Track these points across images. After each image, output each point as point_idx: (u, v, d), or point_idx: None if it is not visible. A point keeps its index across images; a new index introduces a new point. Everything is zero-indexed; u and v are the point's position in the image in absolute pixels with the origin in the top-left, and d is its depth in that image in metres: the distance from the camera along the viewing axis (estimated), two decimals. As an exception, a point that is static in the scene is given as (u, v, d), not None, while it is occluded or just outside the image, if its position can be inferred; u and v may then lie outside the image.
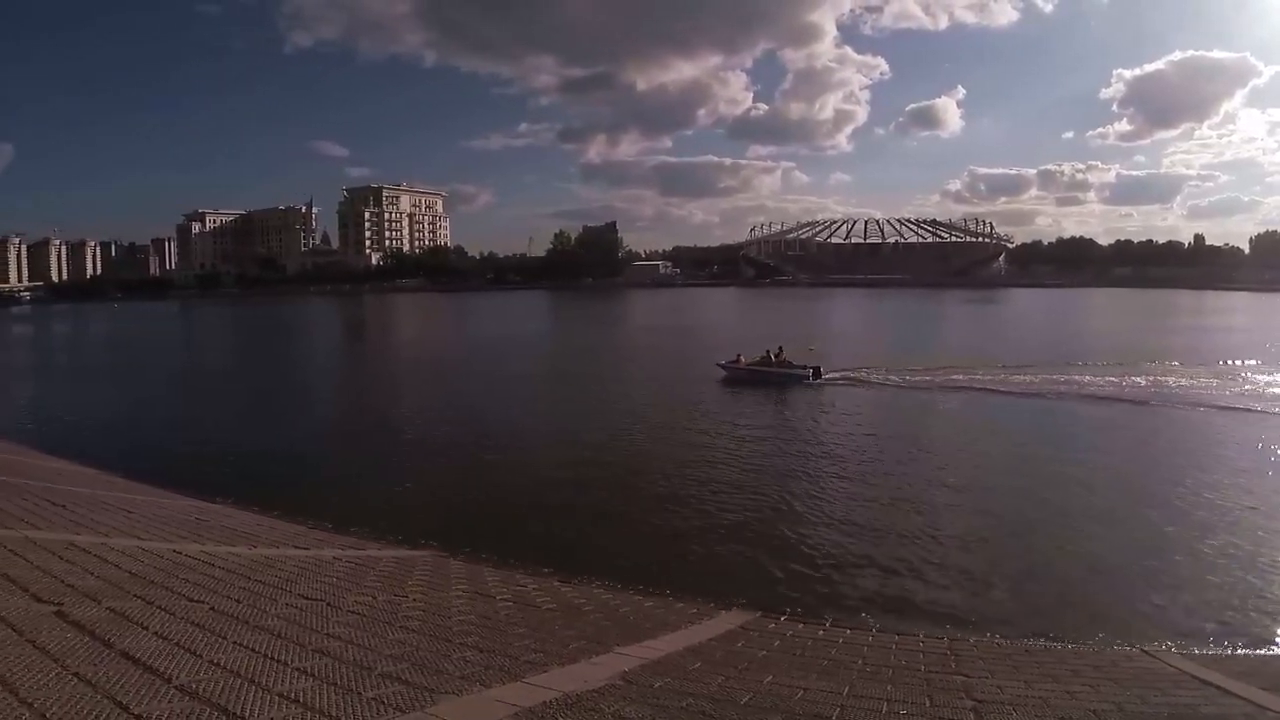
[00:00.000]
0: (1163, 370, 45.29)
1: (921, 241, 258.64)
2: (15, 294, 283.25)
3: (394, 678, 5.47)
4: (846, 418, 34.98)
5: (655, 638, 8.69)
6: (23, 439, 29.46)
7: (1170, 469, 25.38)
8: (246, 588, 8.08)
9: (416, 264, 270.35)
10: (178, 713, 4.05)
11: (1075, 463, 26.19)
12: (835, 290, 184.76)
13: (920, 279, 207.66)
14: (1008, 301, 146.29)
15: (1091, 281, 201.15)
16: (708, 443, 30.71)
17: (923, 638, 10.00)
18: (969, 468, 25.99)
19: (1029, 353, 55.62)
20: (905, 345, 65.10)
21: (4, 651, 4.50)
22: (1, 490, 12.62)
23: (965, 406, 37.61)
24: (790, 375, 44.76)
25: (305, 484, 25.26)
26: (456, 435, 33.08)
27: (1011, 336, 76.18)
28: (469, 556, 15.26)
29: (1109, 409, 35.41)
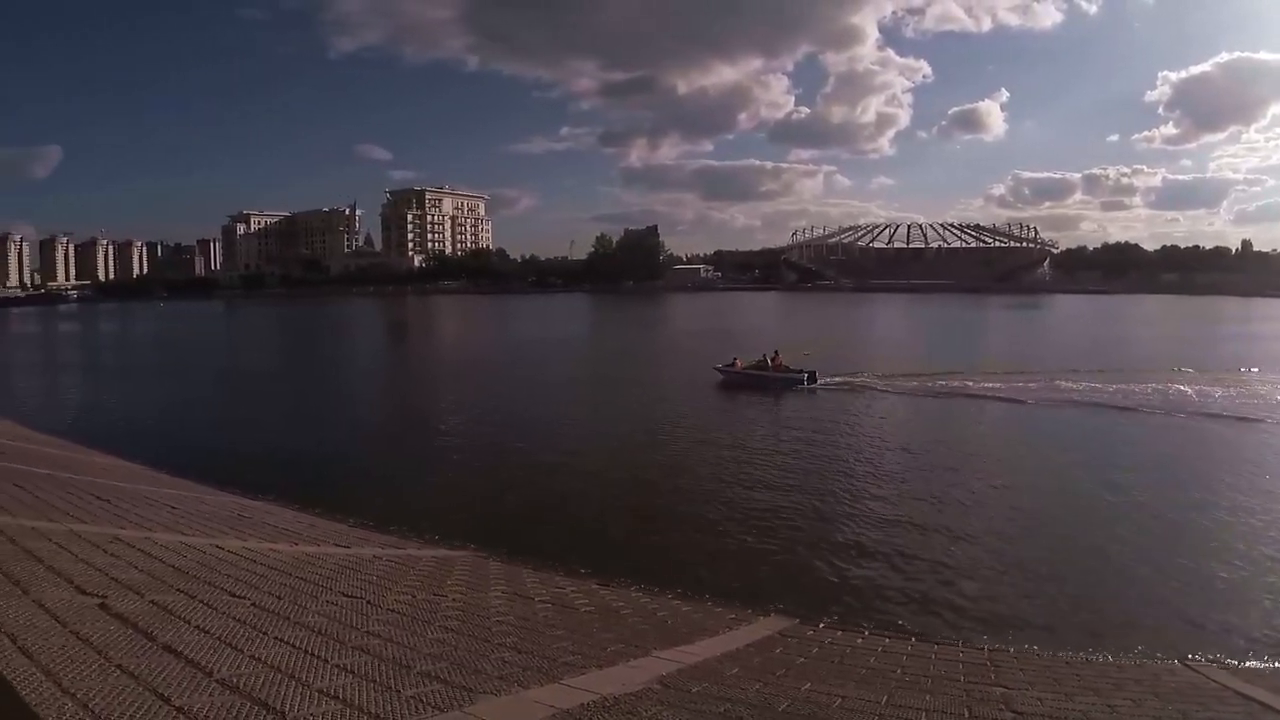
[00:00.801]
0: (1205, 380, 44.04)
1: (965, 246, 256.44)
2: (63, 293, 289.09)
3: (433, 676, 5.47)
4: (872, 424, 34.80)
5: (692, 643, 8.64)
6: (69, 435, 29.92)
7: (1211, 480, 24.81)
8: (287, 584, 8.14)
9: (458, 266, 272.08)
10: (219, 706, 4.06)
11: (1108, 471, 25.77)
12: (877, 295, 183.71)
13: (963, 284, 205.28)
14: (1051, 308, 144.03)
15: (1137, 288, 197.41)
16: (746, 446, 30.63)
17: (961, 647, 9.84)
18: (999, 476, 25.70)
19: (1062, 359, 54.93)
20: (938, 351, 64.27)
21: (48, 642, 4.54)
22: (48, 484, 12.81)
23: (988, 415, 37.18)
24: (786, 380, 44.98)
25: (345, 482, 25.52)
26: (495, 436, 33.21)
27: (1053, 343, 75.22)
28: (507, 557, 15.26)
29: (1147, 419, 34.70)
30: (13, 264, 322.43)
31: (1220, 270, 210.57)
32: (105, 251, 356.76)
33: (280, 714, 4.13)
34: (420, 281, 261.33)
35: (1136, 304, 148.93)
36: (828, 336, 70.81)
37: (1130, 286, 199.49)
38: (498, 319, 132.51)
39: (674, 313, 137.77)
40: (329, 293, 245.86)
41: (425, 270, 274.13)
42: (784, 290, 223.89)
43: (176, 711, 3.88)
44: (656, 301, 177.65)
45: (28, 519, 8.71)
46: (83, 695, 3.81)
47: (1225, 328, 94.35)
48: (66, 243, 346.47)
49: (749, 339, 72.99)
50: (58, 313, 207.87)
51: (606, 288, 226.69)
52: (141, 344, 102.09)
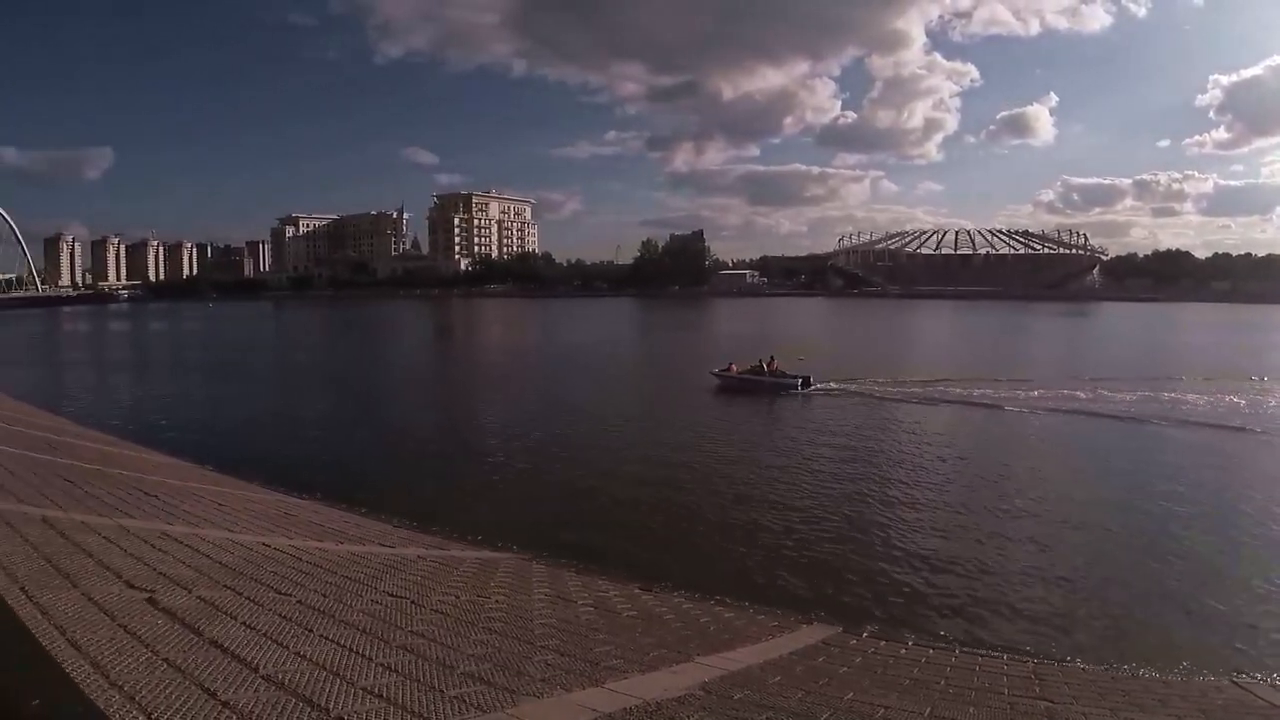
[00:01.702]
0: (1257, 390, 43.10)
1: (1013, 253, 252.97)
2: (114, 292, 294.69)
3: (476, 677, 5.48)
4: (897, 432, 34.12)
5: (735, 649, 8.60)
6: (118, 431, 30.42)
7: (1260, 495, 24.12)
8: (333, 582, 8.20)
9: (505, 270, 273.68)
10: (264, 702, 4.08)
11: (1151, 482, 25.21)
12: (923, 302, 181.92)
13: (1011, 292, 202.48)
14: (1099, 315, 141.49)
15: (1188, 296, 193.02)
16: (788, 450, 30.55)
17: (1006, 660, 9.72)
18: (1033, 486, 25.10)
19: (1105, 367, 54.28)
20: (974, 359, 63.89)
21: (96, 635, 4.60)
22: (97, 479, 13.02)
23: (1009, 423, 36.37)
24: (781, 384, 45.14)
25: (390, 482, 25.74)
26: (538, 439, 33.29)
27: (1099, 351, 73.75)
28: (550, 560, 15.31)
29: (1194, 432, 33.58)
30: (65, 263, 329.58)
31: (1273, 278, 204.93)
32: (156, 252, 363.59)
33: (325, 710, 4.15)
34: (466, 285, 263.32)
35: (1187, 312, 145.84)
36: (830, 342, 70.80)
37: (1181, 294, 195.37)
38: (542, 323, 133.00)
39: (718, 318, 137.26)
40: (375, 295, 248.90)
41: (471, 273, 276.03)
42: (830, 297, 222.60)
43: (222, 706, 3.91)
44: (701, 307, 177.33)
45: (78, 513, 8.86)
46: (130, 688, 3.85)
47: (1275, 336, 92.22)
48: (118, 243, 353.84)
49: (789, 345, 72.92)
50: (108, 311, 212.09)
51: (652, 292, 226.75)
52: (191, 343, 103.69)
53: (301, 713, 4.06)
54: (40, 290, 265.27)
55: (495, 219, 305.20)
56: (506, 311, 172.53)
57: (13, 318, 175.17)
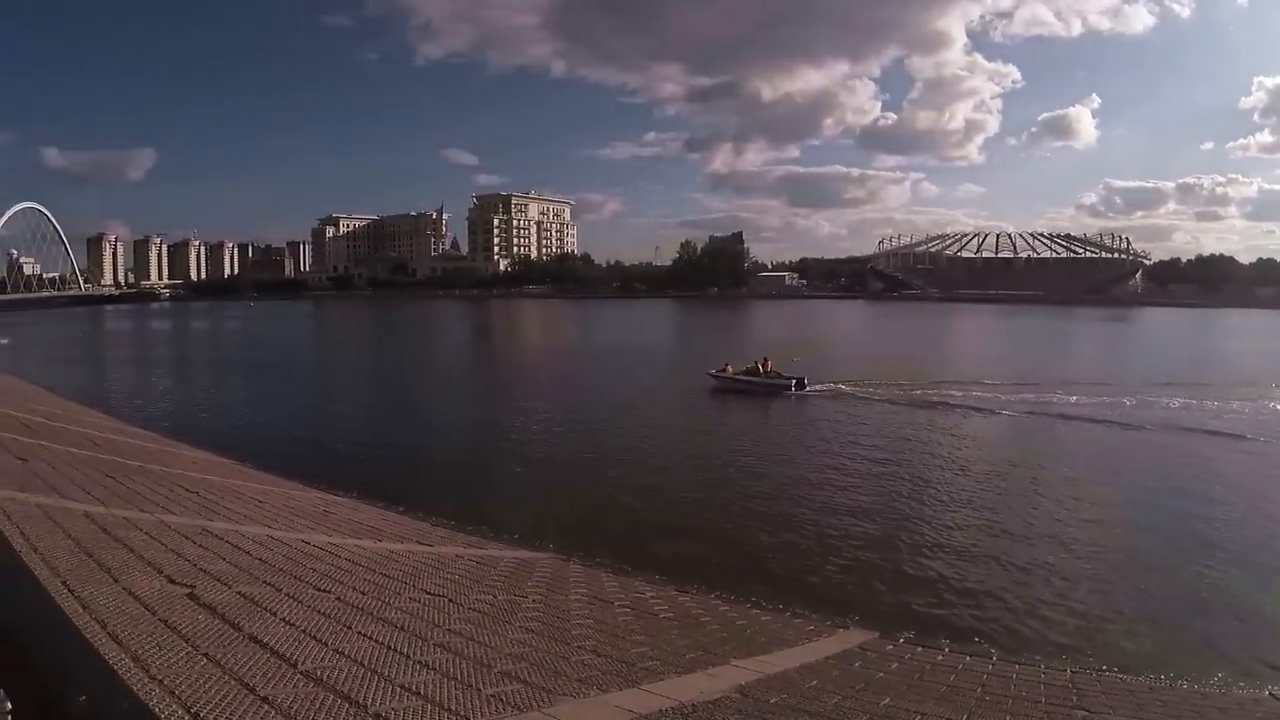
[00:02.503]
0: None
1: (1055, 257, 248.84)
2: (156, 291, 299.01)
3: (513, 676, 5.49)
4: (923, 437, 33.86)
5: (771, 653, 8.59)
6: (161, 429, 30.87)
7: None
8: (371, 580, 8.25)
9: (544, 271, 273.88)
10: (302, 698, 4.10)
11: (1186, 491, 24.80)
12: (964, 306, 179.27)
13: (1053, 296, 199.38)
14: (1141, 321, 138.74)
15: (1232, 302, 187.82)
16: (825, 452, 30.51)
17: (1043, 668, 9.60)
18: (1071, 493, 24.73)
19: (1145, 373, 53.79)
20: (1011, 362, 63.44)
21: (137, 629, 4.64)
22: (139, 476, 13.20)
23: (1032, 429, 36.12)
24: (775, 386, 45.53)
25: (428, 481, 25.98)
26: (575, 440, 33.42)
27: (1140, 357, 72.53)
28: (587, 560, 15.31)
29: (1233, 442, 32.67)
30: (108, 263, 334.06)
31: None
32: (197, 252, 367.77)
33: (363, 708, 4.17)
34: (505, 285, 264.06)
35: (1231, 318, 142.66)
36: (860, 346, 70.29)
37: (1225, 300, 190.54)
38: (580, 324, 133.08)
39: (756, 321, 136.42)
40: (415, 295, 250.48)
41: (510, 274, 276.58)
42: (870, 299, 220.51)
43: (261, 701, 3.93)
44: (740, 309, 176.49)
45: (119, 509, 8.98)
46: (170, 682, 3.88)
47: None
48: (160, 243, 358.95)
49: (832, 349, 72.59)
50: (151, 310, 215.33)
51: (691, 294, 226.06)
52: (232, 341, 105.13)
53: (340, 709, 4.08)
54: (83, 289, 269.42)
55: (534, 220, 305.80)
56: (545, 312, 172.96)
57: (57, 316, 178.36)
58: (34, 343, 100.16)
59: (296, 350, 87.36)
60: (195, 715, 3.60)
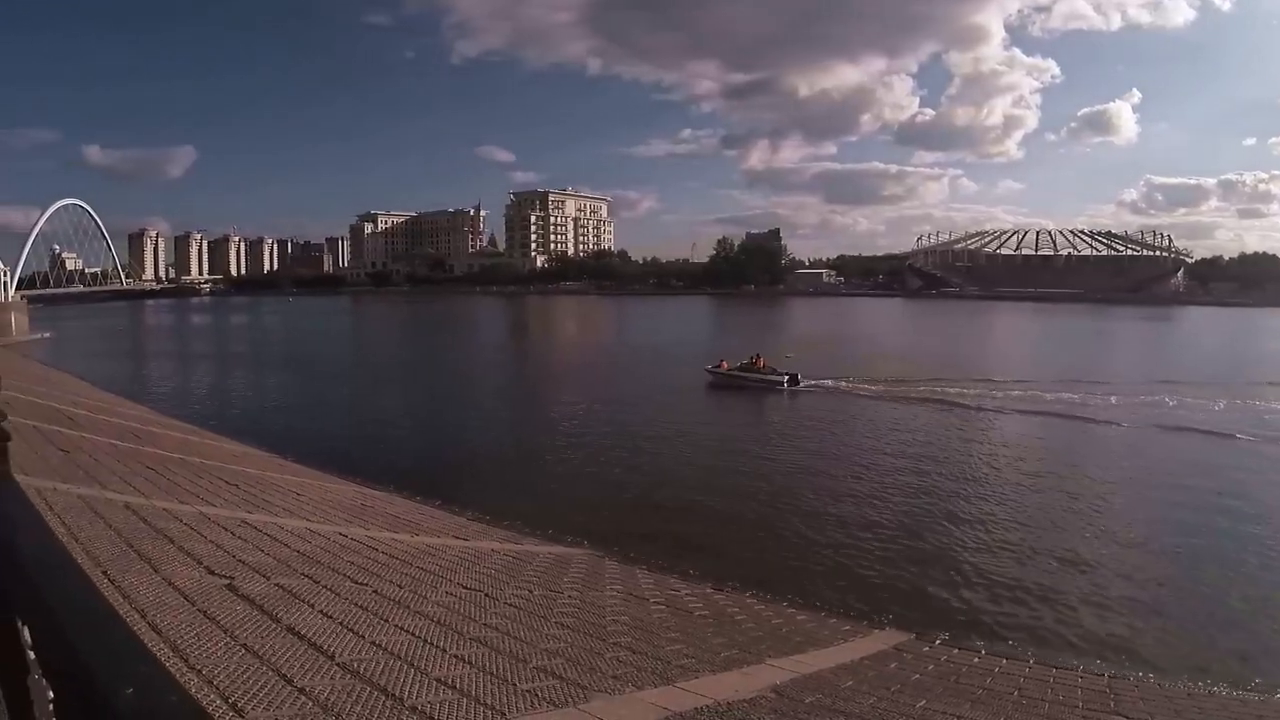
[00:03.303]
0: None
1: (1095, 254, 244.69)
2: (196, 286, 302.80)
3: (548, 672, 5.49)
4: (948, 438, 33.68)
5: (807, 652, 8.56)
6: (201, 421, 31.22)
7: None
8: (408, 574, 8.29)
9: (580, 268, 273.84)
10: (339, 689, 4.12)
11: (1220, 496, 24.43)
12: (1003, 304, 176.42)
13: (1093, 294, 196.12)
14: (1183, 320, 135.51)
15: (1275, 300, 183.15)
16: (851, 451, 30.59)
17: (1080, 672, 9.54)
18: (1107, 496, 24.66)
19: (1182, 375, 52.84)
20: (1055, 362, 63.10)
21: (176, 619, 4.69)
22: (179, 468, 13.35)
23: (1058, 432, 35.88)
24: (768, 381, 47.16)
25: (464, 476, 26.18)
26: (610, 437, 33.47)
27: (1180, 358, 70.70)
28: (622, 557, 15.32)
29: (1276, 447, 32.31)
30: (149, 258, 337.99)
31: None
32: (237, 247, 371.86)
33: (399, 700, 4.18)
34: (542, 282, 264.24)
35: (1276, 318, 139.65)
36: (895, 344, 69.27)
37: (1268, 299, 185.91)
38: (617, 321, 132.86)
39: (792, 318, 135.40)
40: (452, 291, 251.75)
41: (547, 271, 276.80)
42: (907, 297, 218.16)
43: (298, 692, 3.95)
44: (776, 306, 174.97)
45: (160, 500, 9.08)
46: (208, 672, 3.92)
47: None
48: (200, 238, 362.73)
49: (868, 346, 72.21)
50: (191, 305, 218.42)
51: (727, 291, 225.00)
52: (270, 336, 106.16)
53: (376, 701, 4.09)
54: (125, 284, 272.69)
55: (571, 217, 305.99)
56: (582, 309, 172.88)
57: (99, 310, 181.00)
58: (76, 336, 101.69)
59: (334, 345, 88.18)
60: (233, 705, 3.62)
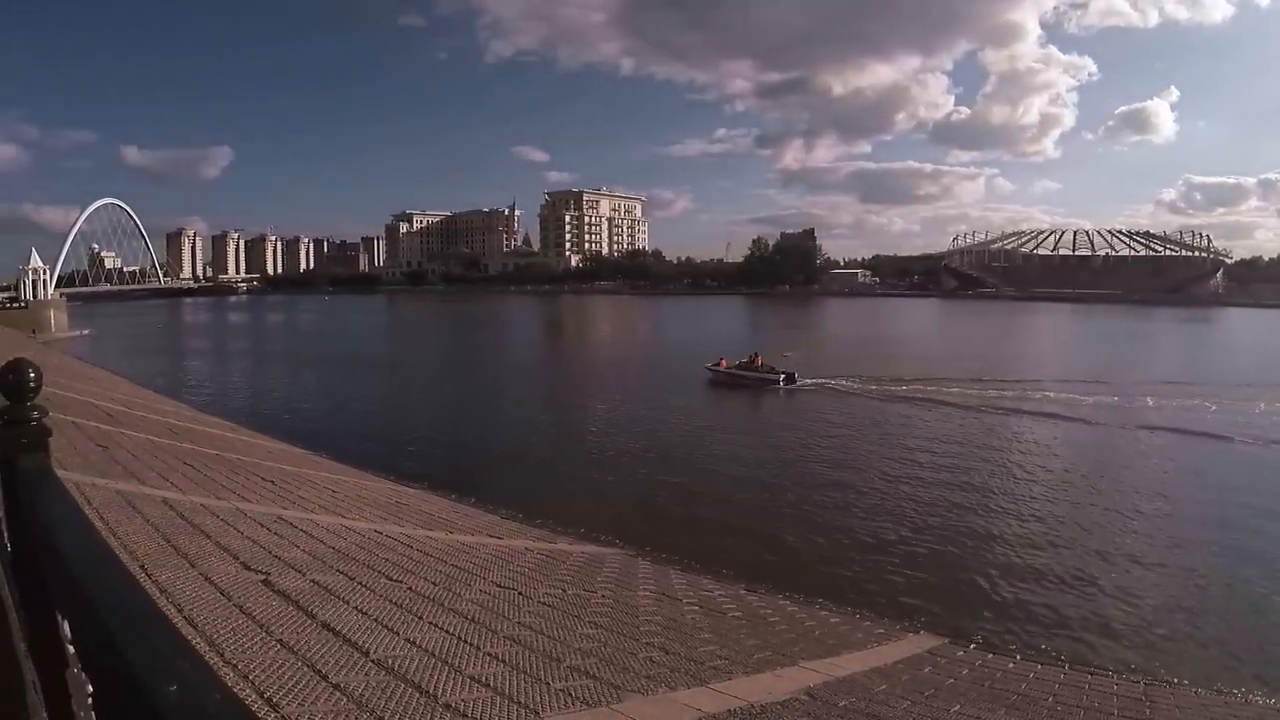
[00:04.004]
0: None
1: (1133, 255, 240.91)
2: (233, 285, 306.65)
3: (582, 671, 5.49)
4: (979, 440, 33.47)
5: (840, 655, 8.54)
6: (237, 418, 31.51)
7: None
8: (443, 571, 8.32)
9: (615, 267, 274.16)
10: (373, 686, 4.14)
11: (1252, 500, 24.16)
12: (1039, 305, 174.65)
13: (1130, 295, 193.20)
14: (1222, 321, 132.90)
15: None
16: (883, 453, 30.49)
17: (1116, 679, 9.45)
18: (1143, 502, 24.34)
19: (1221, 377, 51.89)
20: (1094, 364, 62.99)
21: (213, 614, 4.72)
22: (216, 464, 13.48)
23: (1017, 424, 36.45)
24: (765, 380, 48.42)
25: (498, 474, 26.40)
26: (643, 436, 33.56)
27: (1220, 360, 69.78)
28: (655, 557, 15.33)
29: None
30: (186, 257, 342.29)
31: None
32: (274, 246, 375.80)
33: (433, 697, 4.19)
34: (576, 281, 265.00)
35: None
36: (931, 344, 68.37)
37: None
38: (652, 320, 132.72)
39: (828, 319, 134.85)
40: (487, 290, 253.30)
41: (582, 270, 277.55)
42: (943, 297, 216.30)
43: (333, 688, 3.97)
44: (812, 306, 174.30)
45: (196, 496, 9.17)
46: (244, 667, 3.94)
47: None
48: (237, 238, 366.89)
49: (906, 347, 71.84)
50: (228, 303, 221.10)
51: (762, 291, 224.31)
52: (306, 334, 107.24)
53: (410, 698, 4.11)
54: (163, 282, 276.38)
55: (606, 216, 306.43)
56: (616, 308, 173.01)
57: (137, 308, 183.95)
58: (115, 333, 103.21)
59: (369, 343, 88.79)
60: (268, 700, 3.64)
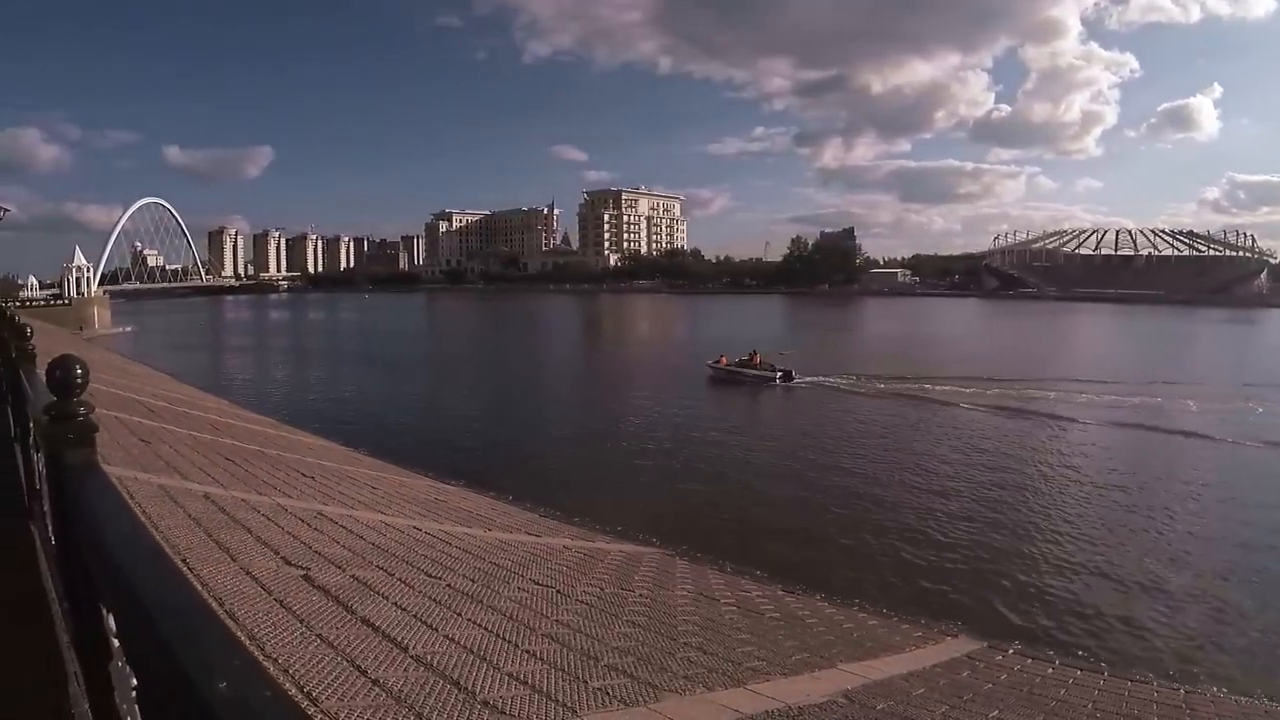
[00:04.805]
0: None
1: (1177, 255, 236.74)
2: (274, 283, 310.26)
3: (619, 670, 5.49)
4: (1012, 441, 33.27)
5: (878, 658, 8.51)
6: (278, 414, 31.79)
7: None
8: (481, 568, 8.34)
9: (653, 266, 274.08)
10: (412, 682, 4.15)
11: None
12: (1081, 305, 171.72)
13: (1173, 296, 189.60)
14: (1266, 323, 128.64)
15: None
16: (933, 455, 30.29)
17: (1156, 686, 9.38)
18: (1180, 505, 24.17)
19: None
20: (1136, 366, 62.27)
21: (254, 609, 4.75)
22: (257, 460, 13.60)
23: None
24: (760, 377, 49.85)
25: (536, 471, 26.50)
26: (680, 435, 33.51)
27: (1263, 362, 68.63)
28: (692, 557, 15.29)
29: None
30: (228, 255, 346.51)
31: None
32: (315, 245, 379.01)
33: (471, 694, 4.20)
34: (615, 280, 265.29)
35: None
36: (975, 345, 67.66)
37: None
38: (690, 319, 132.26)
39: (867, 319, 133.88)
40: (525, 289, 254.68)
41: (620, 269, 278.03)
42: (983, 297, 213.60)
43: (372, 684, 3.98)
44: (851, 306, 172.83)
45: (238, 491, 9.25)
46: (284, 661, 3.96)
47: None
48: (279, 236, 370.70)
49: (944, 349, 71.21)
50: (269, 301, 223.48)
51: (801, 290, 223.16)
52: (347, 332, 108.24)
53: (449, 695, 4.11)
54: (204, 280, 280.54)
55: (644, 215, 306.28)
56: (654, 307, 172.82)
57: (180, 305, 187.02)
58: (157, 330, 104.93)
59: (409, 341, 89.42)
60: (308, 694, 3.66)
